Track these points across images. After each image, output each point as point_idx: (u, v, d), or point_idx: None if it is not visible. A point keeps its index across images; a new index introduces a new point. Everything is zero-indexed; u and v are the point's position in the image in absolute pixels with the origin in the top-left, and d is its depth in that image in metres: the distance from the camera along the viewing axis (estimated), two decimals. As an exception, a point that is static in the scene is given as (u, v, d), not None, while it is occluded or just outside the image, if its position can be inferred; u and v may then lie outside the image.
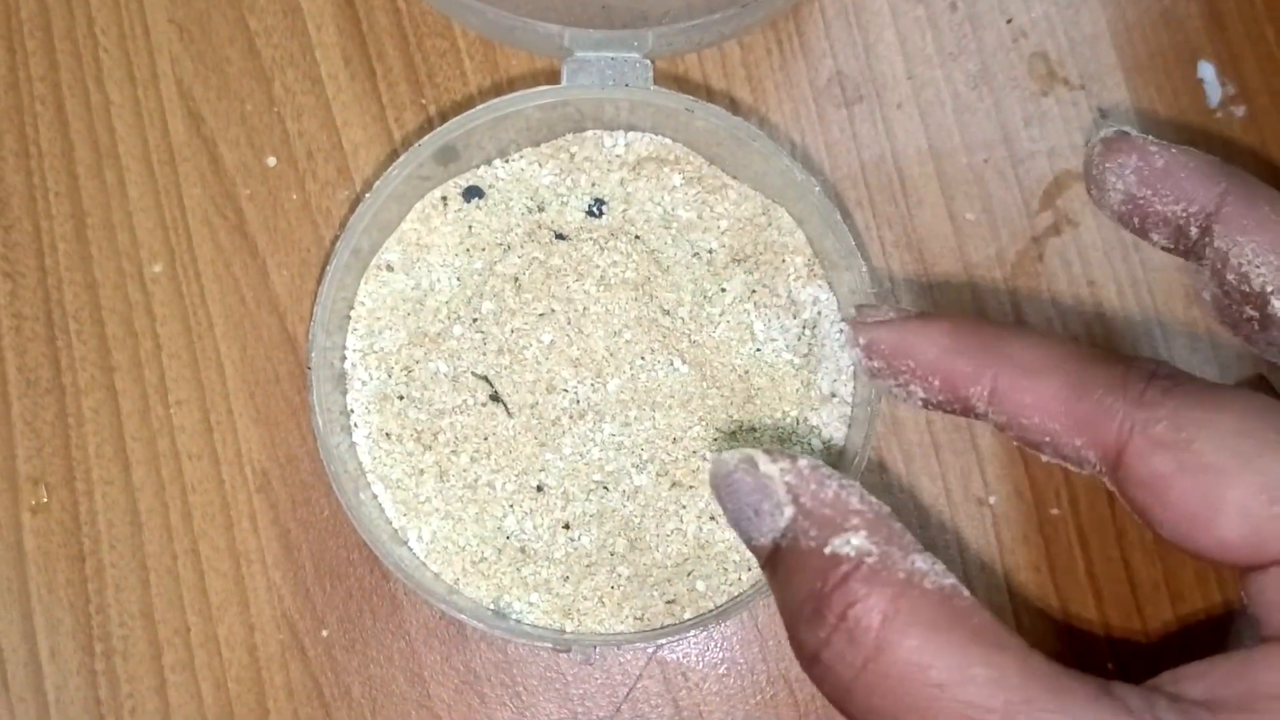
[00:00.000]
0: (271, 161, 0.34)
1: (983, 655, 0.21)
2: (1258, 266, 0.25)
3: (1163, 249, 0.28)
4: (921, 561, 0.23)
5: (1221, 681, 0.22)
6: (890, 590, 0.22)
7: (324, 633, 0.32)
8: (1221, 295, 0.26)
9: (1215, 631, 0.32)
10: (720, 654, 0.32)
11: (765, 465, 0.24)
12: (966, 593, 0.23)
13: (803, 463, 0.24)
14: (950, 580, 0.23)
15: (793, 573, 0.23)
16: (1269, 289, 0.25)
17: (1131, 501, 0.24)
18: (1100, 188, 0.28)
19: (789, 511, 0.24)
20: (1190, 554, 0.24)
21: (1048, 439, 0.25)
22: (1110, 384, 0.24)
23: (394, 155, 0.34)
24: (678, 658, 0.32)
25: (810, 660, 0.23)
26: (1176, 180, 0.26)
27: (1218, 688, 0.22)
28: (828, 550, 0.23)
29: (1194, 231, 0.26)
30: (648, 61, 0.30)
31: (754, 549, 0.25)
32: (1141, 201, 0.27)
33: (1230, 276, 0.26)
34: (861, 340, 0.26)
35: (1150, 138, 0.28)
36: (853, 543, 0.23)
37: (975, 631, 0.22)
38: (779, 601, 0.24)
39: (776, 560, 0.24)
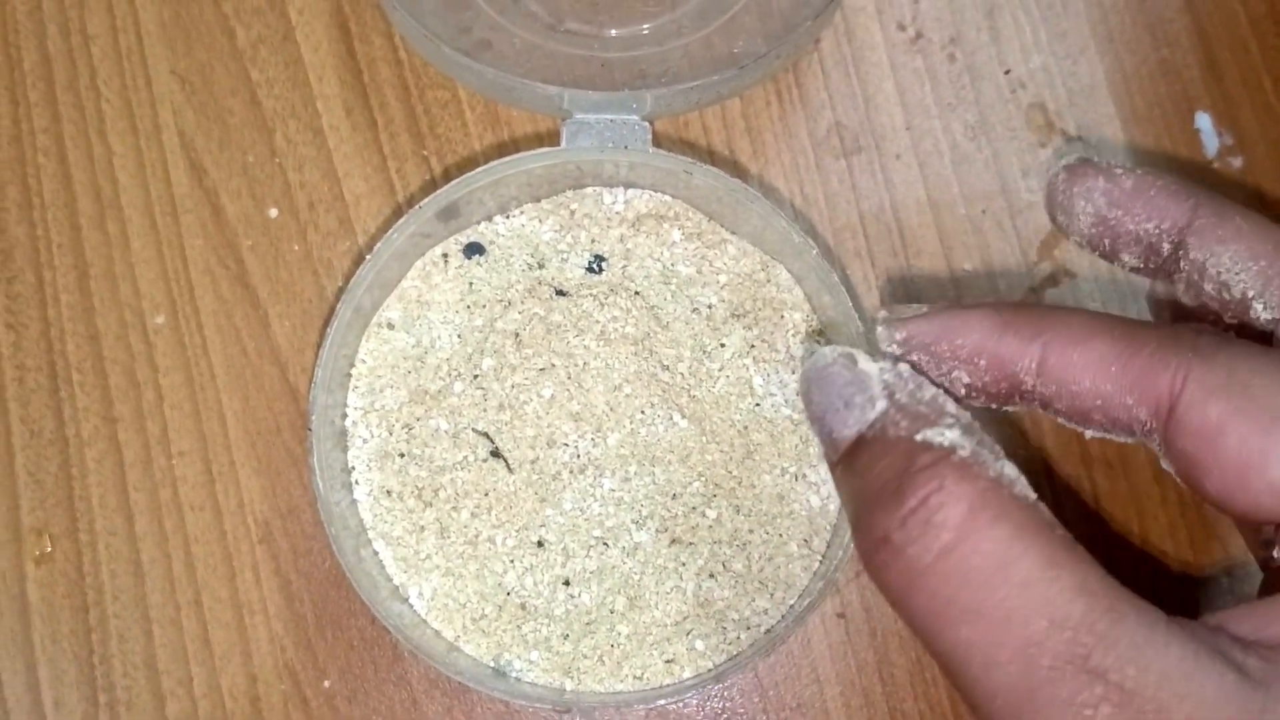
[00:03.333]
0: (273, 213, 0.34)
1: (1069, 562, 0.21)
2: (1237, 274, 0.25)
3: (1131, 269, 0.28)
4: (1010, 470, 0.22)
5: (1268, 621, 0.22)
6: (980, 483, 0.22)
7: (326, 683, 0.32)
8: (1198, 308, 0.27)
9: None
10: (720, 704, 0.32)
11: (865, 363, 0.24)
12: (1048, 510, 0.22)
13: (903, 366, 0.25)
14: (1034, 495, 0.22)
15: (876, 459, 0.23)
16: (1250, 294, 0.25)
17: (1181, 456, 0.24)
18: (1068, 213, 0.28)
19: (881, 405, 0.24)
20: (1236, 511, 0.23)
21: (1099, 402, 0.24)
22: (1161, 339, 0.24)
23: (396, 206, 0.34)
24: (678, 708, 0.32)
25: (878, 543, 0.22)
26: (1147, 198, 0.27)
27: (1265, 627, 0.22)
28: (919, 437, 0.23)
29: (1166, 247, 0.27)
30: (646, 124, 0.30)
31: (832, 442, 0.24)
32: (1113, 222, 0.27)
33: (1209, 286, 0.26)
34: (899, 335, 0.26)
35: (1114, 162, 0.28)
36: (947, 435, 0.22)
37: (1062, 541, 0.21)
38: (850, 491, 0.24)
39: (857, 451, 0.24)
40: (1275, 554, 0.24)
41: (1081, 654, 0.20)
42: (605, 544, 0.30)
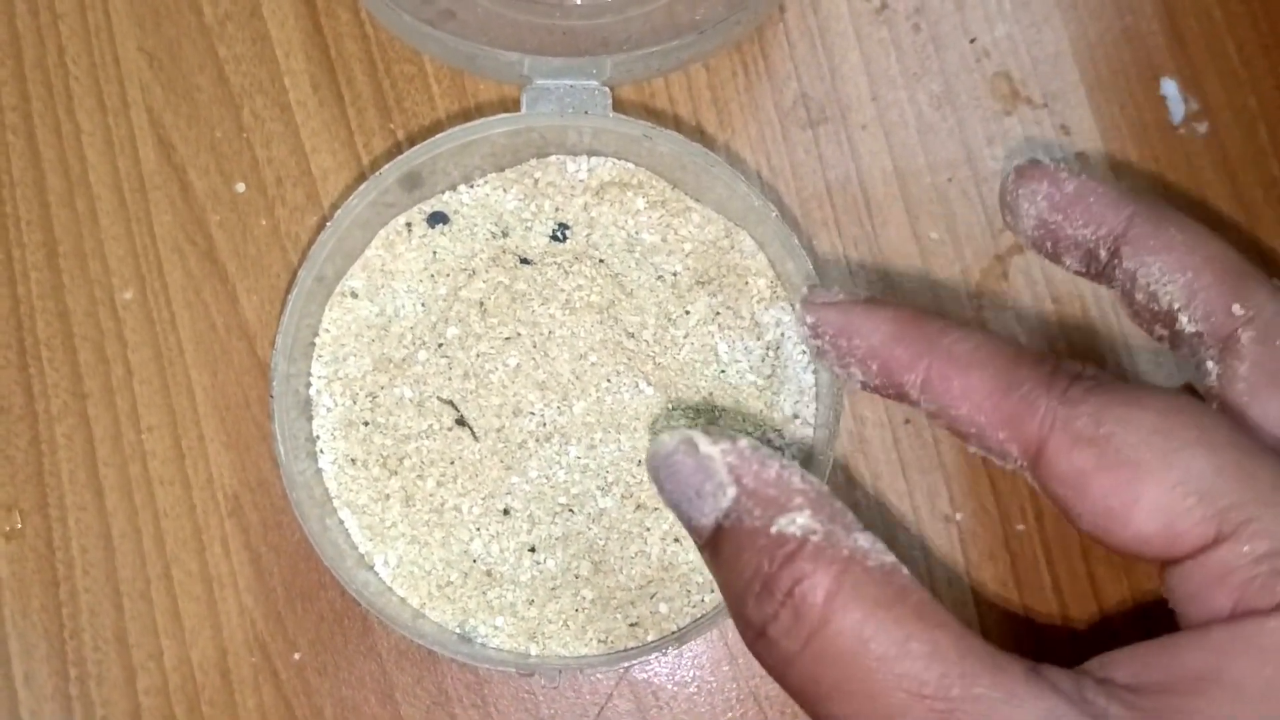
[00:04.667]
0: (241, 188, 0.34)
1: (921, 631, 0.22)
2: (1165, 285, 0.26)
3: (1075, 273, 0.29)
4: (863, 540, 0.23)
5: (1145, 665, 0.23)
6: (835, 567, 0.23)
7: (296, 655, 0.32)
8: (1133, 315, 0.28)
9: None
10: (690, 673, 0.32)
11: (705, 446, 0.25)
12: (906, 571, 0.23)
13: (743, 443, 0.25)
14: (890, 558, 0.23)
15: (738, 552, 0.24)
16: (1176, 306, 0.26)
17: (1052, 496, 0.25)
18: (1014, 214, 0.29)
19: (732, 492, 0.24)
20: (1110, 548, 0.24)
21: (974, 430, 0.25)
22: (1036, 381, 0.24)
23: (362, 181, 0.34)
24: (648, 677, 0.32)
25: (756, 635, 0.24)
26: (1085, 205, 0.27)
27: (1142, 671, 0.23)
28: (774, 529, 0.23)
29: (1103, 254, 0.27)
30: (606, 89, 0.30)
31: (693, 529, 0.25)
32: (1053, 226, 0.28)
33: (1139, 296, 0.27)
34: (809, 319, 0.27)
35: (1062, 165, 0.28)
36: (798, 522, 0.23)
37: (914, 609, 0.22)
38: (721, 581, 0.25)
39: (719, 540, 0.24)
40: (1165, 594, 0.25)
41: None
42: (570, 510, 0.31)
